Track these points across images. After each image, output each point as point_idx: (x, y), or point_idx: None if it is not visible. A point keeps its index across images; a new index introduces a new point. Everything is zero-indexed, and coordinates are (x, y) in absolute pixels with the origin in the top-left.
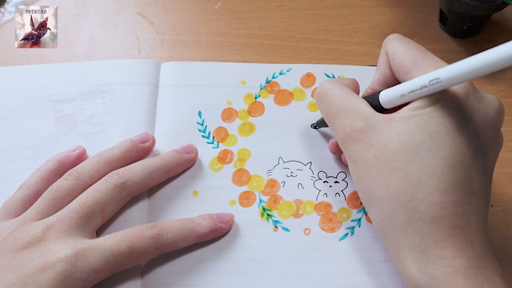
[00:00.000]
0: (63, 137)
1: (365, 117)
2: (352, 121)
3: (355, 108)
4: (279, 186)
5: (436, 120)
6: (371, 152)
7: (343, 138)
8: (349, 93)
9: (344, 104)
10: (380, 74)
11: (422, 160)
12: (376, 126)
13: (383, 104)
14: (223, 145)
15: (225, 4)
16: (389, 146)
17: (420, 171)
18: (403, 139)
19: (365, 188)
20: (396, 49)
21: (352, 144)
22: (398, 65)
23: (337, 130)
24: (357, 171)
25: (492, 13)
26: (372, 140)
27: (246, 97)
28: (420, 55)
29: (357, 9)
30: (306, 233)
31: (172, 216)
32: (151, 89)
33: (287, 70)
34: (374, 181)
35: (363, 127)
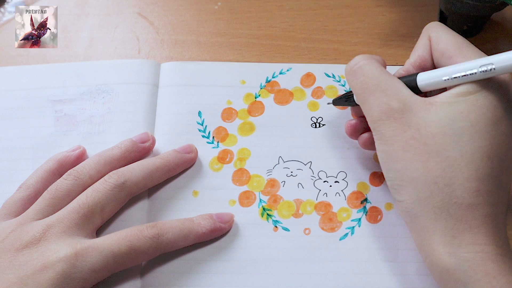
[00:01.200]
0: (63, 137)
1: (404, 98)
2: (389, 100)
3: (393, 87)
4: (279, 186)
5: (479, 109)
6: (409, 133)
7: (378, 116)
8: (385, 72)
9: (381, 81)
10: (418, 57)
11: (463, 147)
12: (415, 108)
13: (421, 86)
14: (223, 145)
15: (225, 4)
16: (429, 129)
17: (460, 157)
18: (444, 124)
19: (397, 168)
20: (441, 34)
21: (388, 122)
22: (441, 50)
23: (371, 107)
24: (389, 150)
25: (492, 13)
26: (411, 121)
27: (246, 97)
28: (465, 43)
29: (357, 9)
30: (306, 233)
31: (172, 216)
32: (151, 89)
33: (287, 70)
34: (410, 162)
35: (401, 108)
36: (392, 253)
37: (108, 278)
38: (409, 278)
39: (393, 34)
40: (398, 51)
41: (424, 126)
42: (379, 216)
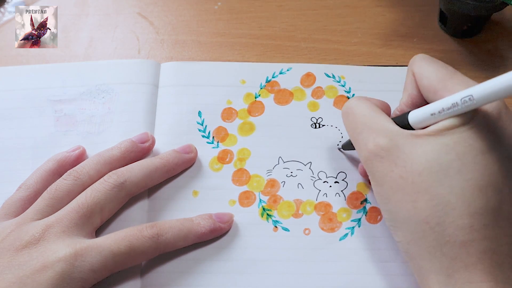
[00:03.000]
0: (63, 137)
1: (390, 133)
2: (376, 137)
3: (379, 124)
4: (279, 186)
5: (466, 141)
6: (396, 172)
7: (366, 155)
8: (375, 110)
9: (369, 120)
10: (408, 96)
11: (451, 182)
12: (401, 144)
13: (412, 124)
14: (223, 145)
15: (225, 4)
16: (415, 166)
17: (448, 193)
18: (430, 159)
19: (390, 209)
20: (423, 69)
21: (375, 162)
22: (426, 85)
23: (360, 147)
24: (381, 191)
25: (492, 13)
26: (397, 158)
27: (246, 97)
28: (449, 75)
29: (357, 9)
30: (306, 233)
31: (172, 216)
32: (151, 89)
33: (287, 70)
34: (399, 202)
35: (387, 144)
36: (392, 254)
37: (108, 278)
38: (409, 278)
39: (393, 34)
40: (398, 51)
41: (411, 163)
42: (379, 217)
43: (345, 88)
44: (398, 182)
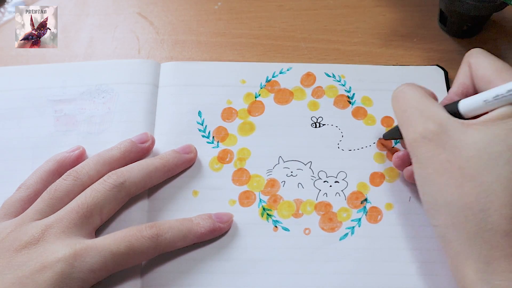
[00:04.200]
0: (63, 137)
1: (440, 120)
2: (426, 121)
3: (431, 109)
4: (279, 186)
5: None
6: (443, 156)
7: (414, 137)
8: (426, 96)
9: (420, 104)
10: (459, 84)
11: (499, 171)
12: (451, 130)
13: (463, 112)
14: (223, 145)
15: (225, 4)
16: (464, 152)
17: (495, 182)
18: (480, 147)
19: (432, 192)
20: (480, 60)
21: (423, 144)
22: (481, 75)
23: (408, 129)
24: (424, 174)
25: (492, 13)
26: (446, 143)
27: (246, 97)
28: (505, 67)
29: (357, 9)
30: (306, 233)
31: (172, 216)
32: (150, 89)
33: (287, 69)
34: (444, 186)
35: (437, 129)
36: (392, 253)
37: (108, 278)
38: (409, 278)
39: (393, 34)
40: (398, 51)
41: (460, 149)
42: (379, 216)
43: (345, 87)
44: (445, 165)
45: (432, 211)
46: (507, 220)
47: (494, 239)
